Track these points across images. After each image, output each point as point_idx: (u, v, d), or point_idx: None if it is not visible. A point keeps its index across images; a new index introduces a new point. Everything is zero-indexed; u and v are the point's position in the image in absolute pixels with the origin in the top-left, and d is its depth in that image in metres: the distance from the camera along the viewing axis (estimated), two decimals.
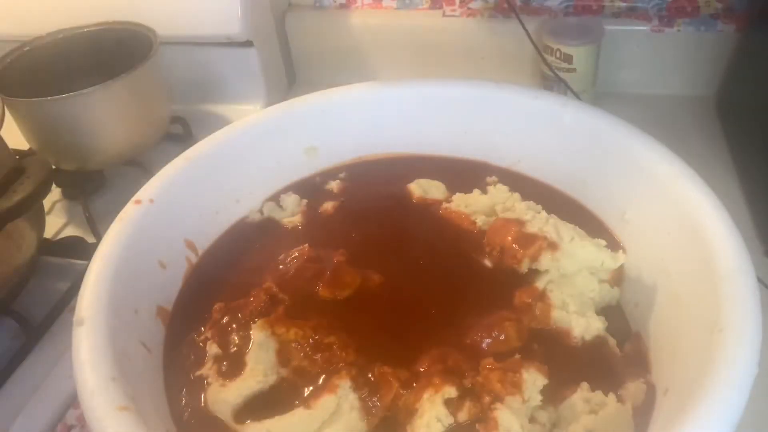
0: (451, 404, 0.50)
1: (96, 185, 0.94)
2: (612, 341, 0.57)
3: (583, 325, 0.56)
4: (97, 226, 0.85)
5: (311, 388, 0.53)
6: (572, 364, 0.54)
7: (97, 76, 0.84)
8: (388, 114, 0.76)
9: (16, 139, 0.87)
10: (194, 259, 0.66)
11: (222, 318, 0.58)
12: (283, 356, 0.54)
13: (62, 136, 0.86)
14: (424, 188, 0.72)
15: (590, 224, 0.65)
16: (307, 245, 0.64)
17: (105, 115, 0.86)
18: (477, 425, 0.49)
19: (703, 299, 0.50)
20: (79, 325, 0.51)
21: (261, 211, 0.72)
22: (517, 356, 0.52)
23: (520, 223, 0.61)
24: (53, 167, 0.79)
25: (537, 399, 0.50)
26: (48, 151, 0.89)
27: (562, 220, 0.62)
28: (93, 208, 0.89)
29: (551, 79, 0.97)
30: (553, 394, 0.51)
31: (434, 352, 0.53)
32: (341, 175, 0.75)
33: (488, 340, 0.54)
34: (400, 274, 0.62)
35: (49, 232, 0.86)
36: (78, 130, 0.85)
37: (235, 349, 0.56)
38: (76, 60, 0.93)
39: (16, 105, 0.84)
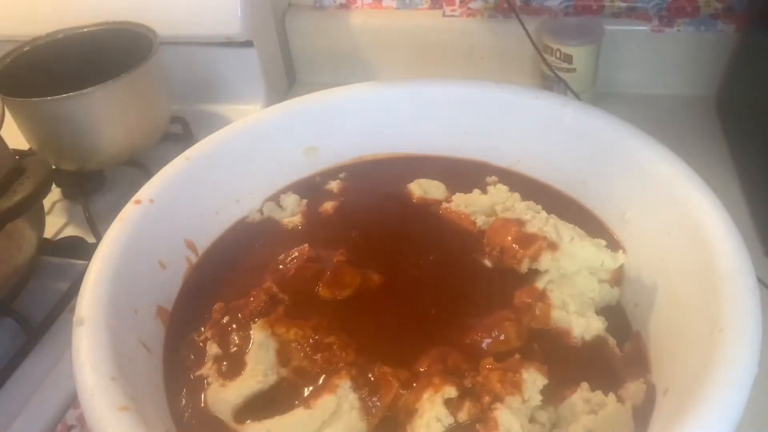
0: (451, 404, 0.50)
1: (96, 185, 0.94)
2: (612, 341, 0.56)
3: (583, 325, 0.56)
4: (97, 226, 0.85)
5: (311, 388, 0.53)
6: (572, 364, 0.54)
7: (97, 76, 0.84)
8: (388, 114, 0.76)
9: (16, 139, 0.87)
10: (194, 259, 0.66)
11: (222, 318, 0.58)
12: (283, 356, 0.54)
13: (62, 136, 0.86)
14: (424, 188, 0.72)
15: (590, 224, 0.65)
16: (307, 245, 0.64)
17: (105, 115, 0.86)
18: (477, 425, 0.49)
19: (703, 299, 0.50)
20: (79, 325, 0.51)
21: (261, 211, 0.72)
22: (517, 356, 0.52)
23: (520, 223, 0.61)
24: (53, 167, 0.79)
25: (537, 399, 0.50)
26: (48, 151, 0.89)
27: (562, 220, 0.62)
28: (93, 208, 0.89)
29: (551, 79, 0.97)
30: (553, 394, 0.51)
31: (434, 352, 0.53)
32: (341, 175, 0.75)
33: (488, 340, 0.54)
34: (400, 274, 0.62)
35: (49, 232, 0.86)
36: (78, 130, 0.85)
37: (235, 349, 0.56)
38: (76, 60, 0.93)
39: (16, 105, 0.84)
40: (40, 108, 0.83)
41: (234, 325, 0.57)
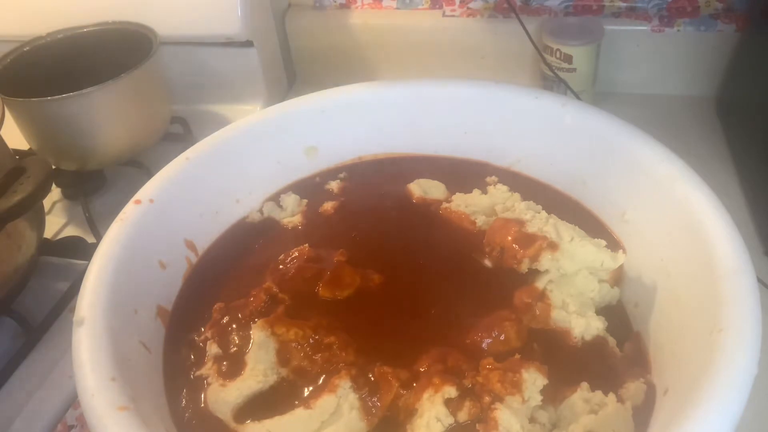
0: (451, 404, 0.50)
1: (96, 185, 0.94)
2: (612, 341, 0.56)
3: (583, 325, 0.56)
4: (97, 226, 0.85)
5: (311, 388, 0.53)
6: (572, 364, 0.54)
7: (97, 76, 0.84)
8: (388, 114, 0.76)
9: (16, 139, 0.87)
10: (194, 259, 0.66)
11: (222, 318, 0.58)
12: (283, 356, 0.54)
13: (62, 136, 0.86)
14: (424, 188, 0.72)
15: (590, 224, 0.65)
16: (307, 245, 0.64)
17: (105, 116, 0.86)
18: (477, 425, 0.49)
19: (703, 299, 0.50)
20: (79, 325, 0.51)
21: (261, 211, 0.72)
22: (517, 356, 0.52)
23: (520, 223, 0.61)
24: (53, 167, 0.79)
25: (537, 399, 0.50)
26: (48, 151, 0.89)
27: (562, 220, 0.62)
28: (93, 208, 0.89)
29: (551, 79, 0.97)
30: (553, 394, 0.51)
31: (434, 352, 0.53)
32: (341, 175, 0.75)
33: (488, 340, 0.54)
34: (400, 274, 0.62)
35: (49, 232, 0.86)
36: (78, 130, 0.85)
37: (235, 349, 0.56)
38: (75, 60, 0.93)
39: (16, 105, 0.84)
40: (40, 108, 0.83)
41: (234, 325, 0.57)
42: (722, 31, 0.95)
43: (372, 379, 0.52)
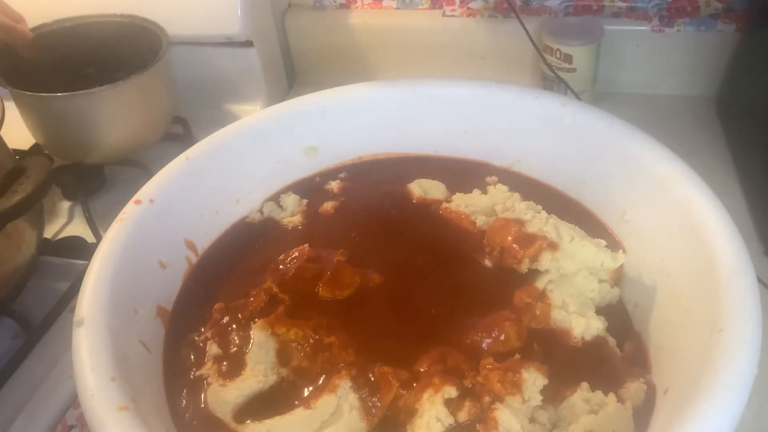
0: (451, 404, 0.50)
1: (96, 185, 0.94)
2: (612, 341, 0.56)
3: (583, 325, 0.56)
4: (97, 226, 0.85)
5: (311, 388, 0.53)
6: (572, 364, 0.54)
7: (102, 66, 0.84)
8: (388, 114, 0.76)
9: (16, 139, 0.87)
10: (194, 259, 0.66)
11: (222, 318, 0.58)
12: (283, 356, 0.54)
13: (67, 130, 0.86)
14: (424, 188, 0.72)
15: (590, 224, 0.65)
16: (307, 245, 0.63)
17: (111, 114, 0.85)
18: (477, 425, 0.49)
19: (703, 299, 0.50)
20: (79, 326, 0.51)
21: (261, 211, 0.72)
22: (517, 356, 0.52)
23: (520, 223, 0.61)
24: (54, 164, 0.79)
25: (537, 399, 0.50)
26: (51, 144, 0.89)
27: (562, 220, 0.62)
28: (93, 208, 0.89)
29: (551, 79, 0.97)
30: (553, 394, 0.51)
31: (434, 352, 0.53)
32: (341, 175, 0.75)
33: (488, 340, 0.54)
34: (400, 274, 0.62)
35: (49, 232, 0.86)
36: (84, 126, 0.85)
37: (235, 349, 0.56)
38: (81, 49, 0.93)
39: (23, 98, 0.84)
40: (47, 103, 0.83)
41: (234, 325, 0.57)
42: (722, 31, 0.95)
43: (372, 379, 0.52)
